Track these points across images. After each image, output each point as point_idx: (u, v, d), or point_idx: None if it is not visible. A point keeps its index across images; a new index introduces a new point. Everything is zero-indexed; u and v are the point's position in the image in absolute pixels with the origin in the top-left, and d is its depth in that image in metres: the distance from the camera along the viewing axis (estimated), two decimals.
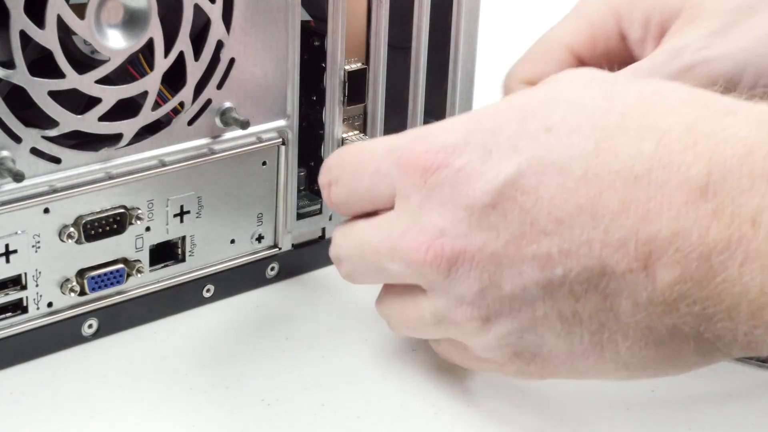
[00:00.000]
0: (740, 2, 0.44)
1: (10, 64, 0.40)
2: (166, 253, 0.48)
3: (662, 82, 0.38)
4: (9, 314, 0.44)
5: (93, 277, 0.45)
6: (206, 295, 0.49)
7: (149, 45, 0.43)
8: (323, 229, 0.53)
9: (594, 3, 0.47)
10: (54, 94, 0.41)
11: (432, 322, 0.40)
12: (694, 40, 0.44)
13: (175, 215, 0.47)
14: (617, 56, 0.47)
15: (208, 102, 0.46)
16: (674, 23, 0.45)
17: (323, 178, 0.44)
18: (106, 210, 0.45)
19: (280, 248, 0.51)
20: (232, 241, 0.49)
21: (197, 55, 0.45)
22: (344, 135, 0.51)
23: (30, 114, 0.41)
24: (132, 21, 0.42)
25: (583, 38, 0.47)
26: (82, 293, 0.45)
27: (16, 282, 0.44)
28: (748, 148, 0.33)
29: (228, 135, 0.47)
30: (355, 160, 0.42)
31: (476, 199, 0.37)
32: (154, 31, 0.43)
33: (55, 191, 0.43)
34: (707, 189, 0.33)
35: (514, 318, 0.38)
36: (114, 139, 0.44)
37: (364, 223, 0.42)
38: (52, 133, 0.42)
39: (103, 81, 0.42)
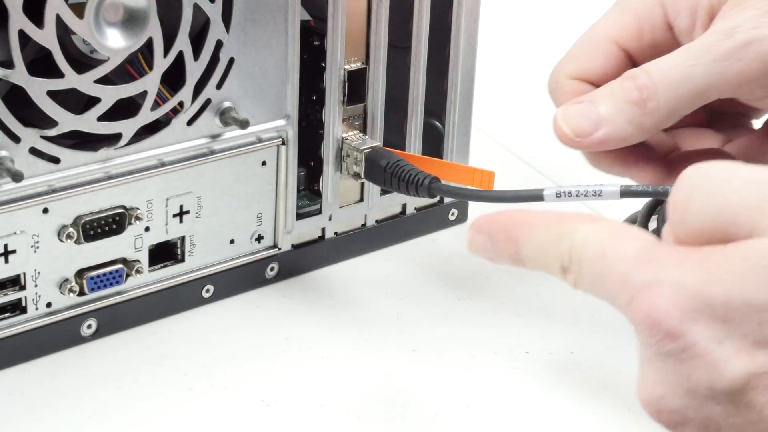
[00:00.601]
0: None
1: (8, 64, 0.40)
2: (165, 253, 0.48)
3: None
4: (8, 314, 0.44)
5: (92, 278, 0.45)
6: (206, 295, 0.49)
7: (148, 44, 0.43)
8: (323, 229, 0.53)
9: None
10: (53, 94, 0.41)
11: None
12: (746, 20, 0.43)
13: (174, 215, 0.47)
14: (664, 47, 0.46)
15: (208, 102, 0.46)
16: (722, 8, 0.44)
17: (558, 259, 0.37)
18: (105, 210, 0.44)
19: (279, 248, 0.51)
20: (232, 242, 0.49)
21: (197, 54, 0.45)
22: (344, 135, 0.51)
23: (29, 114, 0.41)
24: (131, 20, 0.42)
25: (629, 30, 0.47)
26: (81, 293, 0.45)
27: (15, 282, 0.44)
28: None
29: (227, 135, 0.47)
30: (594, 269, 0.36)
31: (697, 387, 0.34)
32: (154, 30, 0.43)
33: (54, 191, 0.43)
34: None
35: None
36: (113, 138, 0.44)
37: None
38: (51, 132, 0.42)
39: (102, 81, 0.42)
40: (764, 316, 0.32)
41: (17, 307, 0.44)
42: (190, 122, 0.46)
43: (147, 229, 0.46)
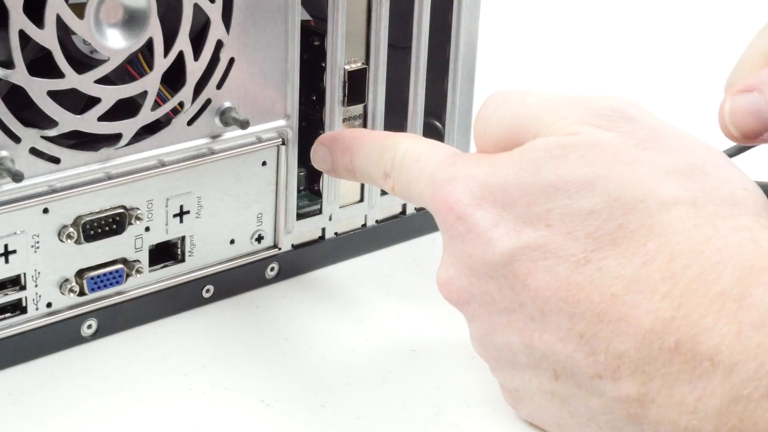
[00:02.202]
0: None
1: (9, 64, 0.40)
2: (165, 253, 0.48)
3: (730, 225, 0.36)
4: (8, 314, 0.44)
5: (92, 278, 0.45)
6: (206, 295, 0.49)
7: (149, 45, 0.43)
8: (323, 229, 0.53)
9: None
10: (53, 94, 0.41)
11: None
12: None
13: (174, 215, 0.47)
14: None
15: (208, 102, 0.46)
16: None
17: (382, 166, 0.45)
18: (106, 210, 0.44)
19: (279, 248, 0.51)
20: (232, 242, 0.49)
21: (197, 54, 0.45)
22: None
23: (29, 114, 0.41)
24: (131, 21, 0.42)
25: None
26: (82, 293, 0.45)
27: (15, 282, 0.44)
28: (720, 288, 0.34)
29: (228, 135, 0.47)
30: (409, 172, 0.43)
31: (477, 264, 0.39)
32: (154, 30, 0.43)
33: (54, 191, 0.43)
34: (672, 322, 0.34)
35: (508, 373, 0.40)
36: (113, 139, 0.44)
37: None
38: (52, 133, 0.42)
39: (103, 81, 0.42)
40: (532, 198, 0.37)
41: (17, 307, 0.44)
42: (190, 122, 0.46)
43: (147, 229, 0.46)
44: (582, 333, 0.36)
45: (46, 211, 0.43)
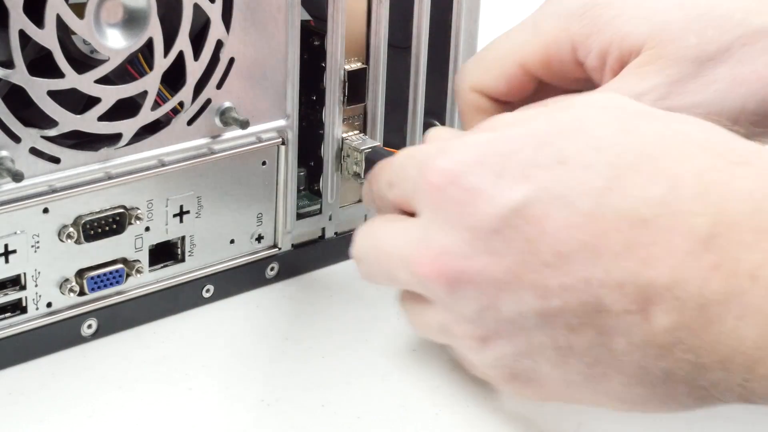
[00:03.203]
0: (700, 52, 0.43)
1: (9, 64, 0.40)
2: (165, 253, 0.48)
3: (685, 120, 0.37)
4: (8, 314, 0.44)
5: (92, 278, 0.45)
6: (206, 295, 0.49)
7: (149, 44, 0.43)
8: (323, 229, 0.53)
9: (550, 25, 0.46)
10: (53, 94, 0.41)
11: (438, 331, 0.41)
12: (653, 87, 0.43)
13: (174, 215, 0.47)
14: (572, 78, 0.47)
15: (208, 102, 0.46)
16: (634, 60, 0.44)
17: (383, 177, 0.43)
18: (106, 210, 0.44)
19: (279, 248, 0.51)
20: (232, 241, 0.49)
21: (197, 54, 0.45)
22: (344, 135, 0.51)
23: (29, 114, 0.41)
24: (131, 20, 0.42)
25: (537, 57, 0.47)
26: (82, 293, 0.45)
27: (16, 282, 0.44)
28: (755, 203, 0.33)
29: (228, 135, 0.47)
30: (399, 166, 0.42)
31: (482, 222, 0.37)
32: (154, 30, 0.43)
33: (54, 191, 0.43)
34: (711, 241, 0.33)
35: (510, 341, 0.38)
36: (113, 138, 0.44)
37: (384, 227, 0.42)
38: (52, 132, 0.42)
39: (103, 81, 0.42)
40: (545, 139, 0.37)
41: (17, 307, 0.44)
42: (190, 122, 0.46)
43: (147, 229, 0.46)
44: (608, 266, 0.34)
45: (46, 210, 0.43)
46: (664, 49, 0.44)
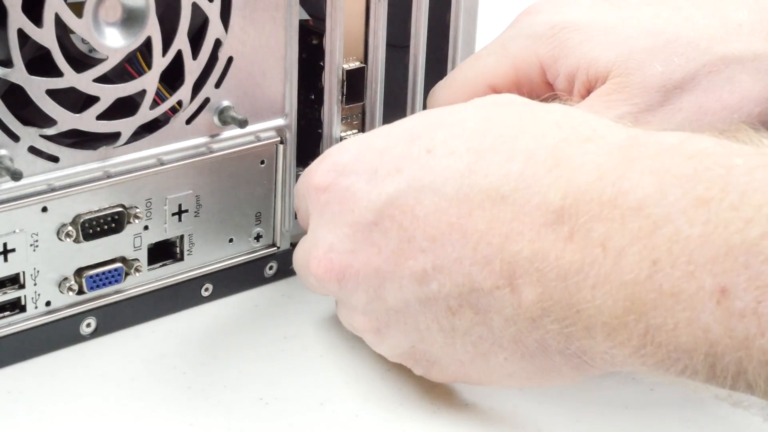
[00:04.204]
0: (666, 81, 0.44)
1: (7, 63, 0.40)
2: (164, 252, 0.48)
3: (545, 105, 0.39)
4: (7, 313, 0.44)
5: (91, 276, 0.45)
6: (204, 294, 0.49)
7: (147, 43, 0.43)
8: None
9: (519, 46, 0.47)
10: (52, 93, 0.41)
11: (350, 328, 0.43)
12: (621, 116, 0.44)
13: (173, 214, 0.47)
14: (543, 95, 0.47)
15: (207, 101, 0.46)
16: (600, 87, 0.45)
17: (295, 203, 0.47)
18: (105, 209, 0.45)
19: (278, 247, 0.51)
20: (231, 240, 0.49)
21: (195, 53, 0.45)
22: (342, 134, 0.51)
23: (28, 112, 0.41)
24: (130, 19, 0.42)
25: (507, 79, 0.47)
26: (81, 292, 0.45)
27: (14, 281, 0.44)
28: (599, 174, 0.34)
29: (226, 134, 0.47)
30: (297, 187, 0.46)
31: (360, 217, 0.39)
32: (152, 29, 0.43)
33: (53, 190, 0.43)
34: (563, 212, 0.34)
35: (400, 329, 0.40)
36: (112, 137, 0.44)
37: (303, 238, 0.44)
38: (50, 131, 0.42)
39: (101, 80, 0.42)
40: (417, 132, 0.39)
41: (16, 306, 0.44)
42: (188, 121, 0.46)
43: (146, 227, 0.46)
44: (475, 245, 0.36)
45: (45, 209, 0.43)
46: (630, 77, 0.44)
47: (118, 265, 0.46)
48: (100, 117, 0.43)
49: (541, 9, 0.48)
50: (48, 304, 0.45)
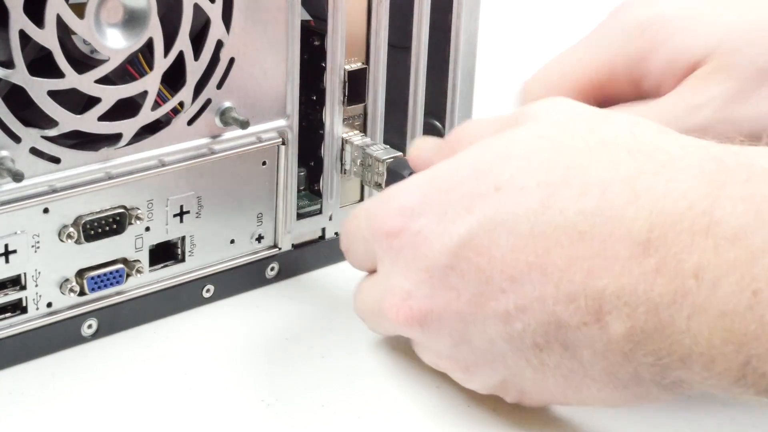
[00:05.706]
0: (764, 64, 0.44)
1: (9, 64, 0.40)
2: (165, 253, 0.48)
3: (610, 128, 0.38)
4: (8, 314, 0.44)
5: (92, 278, 0.45)
6: (206, 295, 0.49)
7: (149, 45, 0.43)
8: (323, 229, 0.53)
9: (615, 41, 0.47)
10: (53, 94, 0.41)
11: (433, 365, 0.43)
12: (714, 98, 0.44)
13: (174, 215, 0.47)
14: (631, 93, 0.47)
15: (208, 102, 0.46)
16: (695, 72, 0.45)
17: (341, 245, 0.46)
18: (106, 210, 0.45)
19: (279, 248, 0.51)
20: (232, 241, 0.49)
21: (197, 54, 0.45)
22: (344, 135, 0.51)
23: (29, 114, 0.41)
24: (131, 20, 0.42)
25: (600, 76, 0.47)
26: (82, 293, 0.45)
27: (16, 282, 0.44)
28: (689, 203, 0.34)
29: (228, 135, 0.47)
30: (351, 229, 0.44)
31: (435, 261, 0.38)
32: (154, 30, 0.43)
33: (54, 191, 0.43)
34: (649, 244, 0.34)
35: (490, 367, 0.39)
36: (113, 138, 0.44)
37: (362, 287, 0.44)
38: (52, 132, 0.42)
39: (103, 81, 0.42)
40: (481, 171, 0.38)
41: (18, 307, 0.44)
42: (190, 122, 0.46)
43: (147, 229, 0.46)
44: (557, 283, 0.35)
45: (46, 210, 0.43)
46: (726, 59, 0.44)
47: (120, 266, 0.46)
48: (101, 118, 0.43)
49: (636, 3, 0.48)
50: (49, 305, 0.45)
